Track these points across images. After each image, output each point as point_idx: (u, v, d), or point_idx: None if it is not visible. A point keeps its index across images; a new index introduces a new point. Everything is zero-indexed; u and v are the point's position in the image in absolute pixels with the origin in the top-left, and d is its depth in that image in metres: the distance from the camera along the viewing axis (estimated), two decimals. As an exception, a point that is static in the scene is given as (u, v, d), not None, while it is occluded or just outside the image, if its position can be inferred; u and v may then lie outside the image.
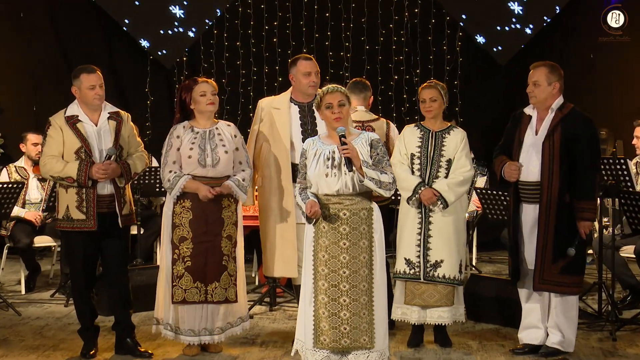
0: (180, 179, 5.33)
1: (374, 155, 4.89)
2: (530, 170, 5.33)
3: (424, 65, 9.86)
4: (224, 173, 5.42)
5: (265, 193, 5.83)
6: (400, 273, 5.57)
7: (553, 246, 5.24)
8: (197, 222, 5.35)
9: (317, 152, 4.92)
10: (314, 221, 4.86)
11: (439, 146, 5.58)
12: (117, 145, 5.45)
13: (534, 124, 5.42)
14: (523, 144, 5.39)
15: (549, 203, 5.24)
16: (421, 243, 5.53)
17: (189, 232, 5.36)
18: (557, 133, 5.26)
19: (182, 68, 9.84)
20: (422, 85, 5.72)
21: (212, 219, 5.37)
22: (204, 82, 5.46)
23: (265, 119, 5.85)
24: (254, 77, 9.86)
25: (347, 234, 4.82)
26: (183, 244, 5.36)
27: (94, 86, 5.41)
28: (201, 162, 5.35)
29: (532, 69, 5.42)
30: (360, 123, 6.28)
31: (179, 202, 5.38)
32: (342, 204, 4.84)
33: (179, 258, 5.36)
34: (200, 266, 5.35)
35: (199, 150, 5.36)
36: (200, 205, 5.34)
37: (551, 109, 5.36)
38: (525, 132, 5.42)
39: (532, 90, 5.37)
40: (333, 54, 9.89)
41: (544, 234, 5.26)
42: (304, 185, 4.96)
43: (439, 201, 5.48)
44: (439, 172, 5.55)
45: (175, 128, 5.45)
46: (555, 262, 5.24)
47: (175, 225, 5.38)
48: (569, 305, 5.35)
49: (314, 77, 5.77)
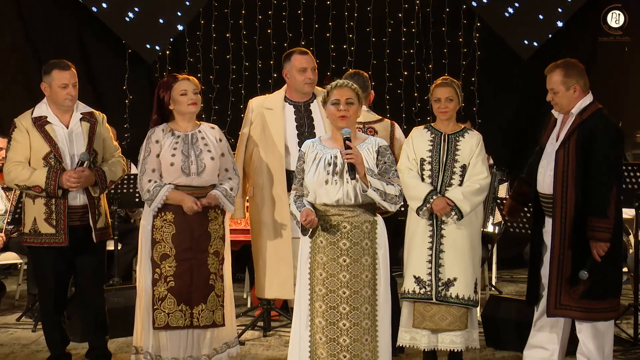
0: (161, 189, 5.32)
1: (381, 163, 4.94)
2: (546, 182, 5.39)
3: (438, 60, 9.90)
4: (209, 182, 5.44)
5: (257, 204, 5.88)
6: (409, 293, 5.60)
7: (571, 267, 5.25)
8: (180, 237, 5.36)
9: (316, 155, 4.96)
10: (310, 232, 4.91)
11: (453, 150, 5.62)
12: (91, 150, 5.48)
13: (557, 128, 5.48)
14: (544, 151, 5.46)
15: (564, 218, 5.27)
16: (432, 259, 5.57)
17: (171, 248, 5.36)
18: (573, 140, 5.30)
19: (165, 63, 9.88)
20: (435, 83, 5.75)
21: (198, 233, 5.38)
22: (185, 79, 5.46)
23: (256, 121, 5.90)
24: (246, 73, 9.89)
25: (348, 249, 4.87)
26: (165, 261, 5.37)
27: (67, 85, 5.44)
28: (185, 169, 5.36)
29: (546, 74, 5.46)
30: (361, 125, 6.32)
31: (160, 215, 5.37)
32: (342, 215, 4.89)
33: (161, 278, 5.36)
34: (184, 287, 5.36)
35: (182, 157, 5.36)
36: (184, 218, 5.35)
37: (571, 114, 5.40)
38: (548, 137, 5.49)
39: (552, 99, 5.42)
40: (335, 46, 9.93)
41: (559, 253, 5.29)
42: (299, 192, 5.01)
43: (452, 212, 5.51)
44: (452, 180, 5.60)
45: (154, 132, 5.44)
46: (575, 284, 5.25)
47: (156, 241, 5.38)
48: (598, 333, 5.32)
49: (310, 74, 5.83)
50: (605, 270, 5.28)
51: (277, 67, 9.55)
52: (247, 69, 9.91)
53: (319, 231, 4.90)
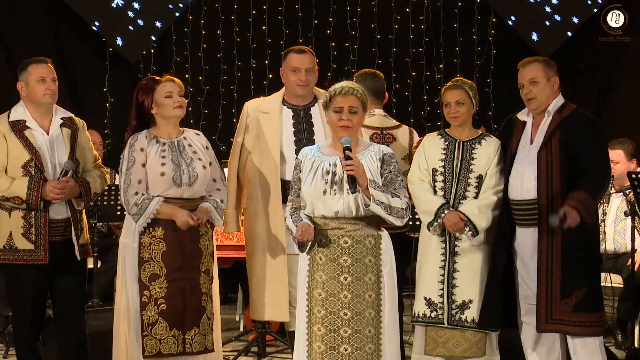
0: (151, 203, 5.33)
1: (386, 173, 4.97)
2: (525, 187, 5.47)
3: (449, 59, 9.95)
4: (199, 193, 5.48)
5: (250, 217, 5.92)
6: (420, 316, 5.63)
7: (562, 278, 5.33)
8: (171, 255, 5.36)
9: (314, 164, 5.00)
10: (308, 248, 4.95)
11: (468, 159, 5.66)
12: (74, 158, 5.51)
13: (528, 131, 5.59)
14: (516, 155, 5.55)
15: (551, 226, 5.35)
16: (445, 279, 5.60)
17: (161, 267, 5.36)
18: (555, 140, 5.42)
19: (150, 62, 9.90)
20: (445, 85, 5.79)
21: (189, 250, 5.40)
22: (169, 80, 5.47)
23: (251, 126, 5.94)
24: (238, 74, 9.94)
25: (349, 266, 4.91)
26: (155, 282, 5.37)
27: (44, 79, 5.44)
28: (176, 180, 5.37)
29: (521, 67, 5.58)
30: (379, 130, 6.36)
31: (148, 231, 5.38)
32: (342, 229, 4.93)
33: (150, 300, 5.36)
34: (177, 309, 5.36)
35: (173, 166, 5.37)
36: (174, 234, 5.36)
37: (547, 111, 5.52)
38: (517, 141, 5.58)
39: (530, 91, 5.52)
40: (336, 45, 9.97)
41: (547, 264, 5.37)
42: (296, 204, 5.05)
43: (466, 227, 5.53)
44: (467, 192, 5.64)
45: (137, 139, 5.44)
46: (565, 297, 5.33)
47: (144, 260, 5.38)
48: (595, 351, 5.40)
49: (303, 75, 5.87)
50: (593, 279, 5.39)
51: (273, 67, 9.57)
52: (240, 69, 9.95)
53: (317, 247, 4.95)
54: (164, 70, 9.41)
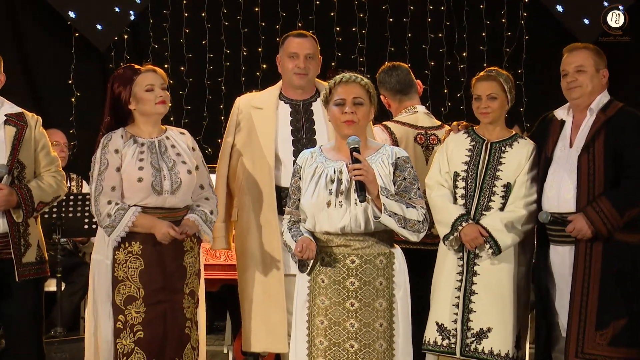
0: (126, 213, 5.33)
1: (399, 180, 4.97)
2: (562, 198, 5.49)
3: (474, 47, 9.98)
4: (184, 202, 5.50)
5: (242, 231, 5.94)
6: (430, 344, 5.67)
7: (599, 307, 5.33)
8: (150, 274, 5.37)
9: (316, 170, 5.00)
10: (309, 268, 4.94)
11: (495, 164, 5.68)
12: (14, 161, 5.51)
13: (567, 131, 5.61)
14: (552, 160, 5.57)
15: (590, 244, 5.37)
16: (460, 302, 5.62)
17: (139, 288, 5.37)
18: (599, 143, 5.43)
19: (123, 50, 9.91)
20: (477, 76, 5.83)
21: (171, 268, 5.41)
22: (150, 70, 5.48)
23: (242, 124, 5.97)
24: (227, 64, 9.96)
25: (357, 290, 4.91)
26: (131, 306, 5.38)
27: None
28: (156, 186, 5.38)
29: (568, 52, 5.63)
30: (423, 130, 6.39)
31: (123, 247, 5.39)
32: (349, 246, 4.93)
33: (126, 327, 5.37)
34: (157, 337, 5.37)
35: (152, 171, 5.38)
36: (154, 249, 5.37)
37: (590, 109, 5.55)
38: (554, 143, 5.60)
39: (576, 79, 5.56)
40: (341, 29, 9.98)
41: (582, 289, 5.38)
42: (295, 217, 5.06)
43: (487, 244, 5.56)
44: (491, 202, 5.66)
45: (110, 139, 5.45)
46: (601, 328, 5.33)
47: (119, 279, 5.39)
48: None
49: (301, 61, 5.90)
50: (634, 309, 5.36)
51: (267, 55, 9.55)
52: (229, 58, 9.96)
53: (320, 266, 4.95)
54: (139, 59, 9.39)
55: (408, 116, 6.46)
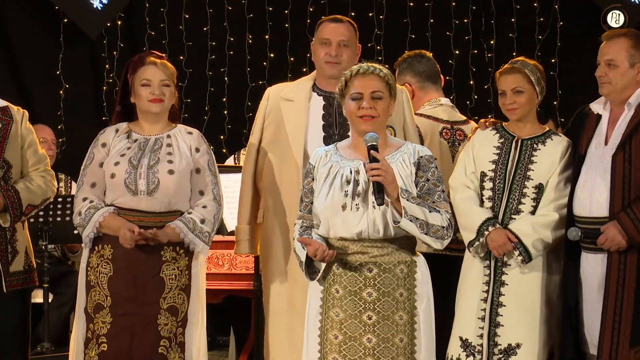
0: (96, 213, 5.37)
1: (422, 181, 4.96)
2: (595, 201, 5.47)
3: (502, 34, 10.00)
4: (170, 206, 5.48)
5: (267, 235, 5.97)
6: (454, 360, 5.69)
7: (633, 321, 5.32)
8: (118, 280, 5.38)
9: (331, 170, 5.00)
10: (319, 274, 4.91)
11: (526, 163, 5.68)
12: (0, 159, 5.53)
13: (603, 127, 5.59)
14: (585, 158, 5.56)
15: (624, 253, 5.35)
16: (487, 315, 5.62)
17: (107, 297, 5.39)
18: (637, 141, 5.41)
19: (116, 38, 9.94)
20: (501, 69, 5.81)
21: (144, 278, 5.40)
22: (152, 63, 5.53)
23: (271, 118, 5.99)
24: (230, 53, 9.98)
25: (375, 302, 4.90)
26: (99, 315, 5.40)
27: None
28: (130, 185, 5.40)
29: (604, 40, 5.60)
30: (449, 125, 6.42)
31: (96, 249, 5.43)
32: (367, 254, 4.93)
33: (93, 337, 5.39)
34: (121, 352, 5.35)
35: (127, 167, 5.40)
36: (126, 255, 5.38)
37: (628, 104, 5.52)
38: (588, 140, 5.59)
39: (605, 74, 5.55)
40: (357, 14, 9.96)
41: (615, 302, 5.36)
42: (307, 222, 5.07)
43: (516, 251, 5.56)
44: (521, 204, 5.67)
45: (104, 132, 5.52)
46: (637, 344, 5.32)
47: (91, 285, 5.43)
48: None
49: (333, 49, 5.92)
50: None
51: (275, 43, 9.64)
52: (232, 46, 9.98)
53: (333, 275, 4.95)
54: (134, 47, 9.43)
55: (432, 109, 6.48)
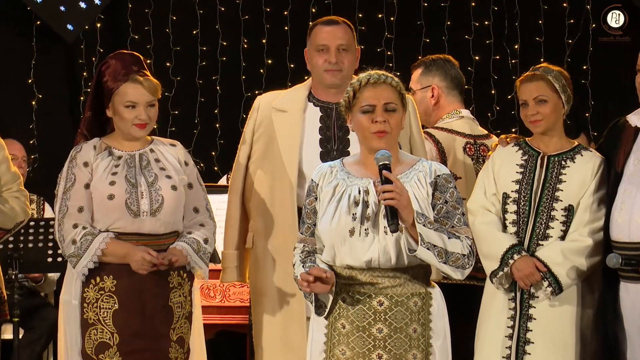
0: (95, 239, 5.36)
1: (440, 203, 4.94)
2: (635, 224, 5.48)
3: (528, 37, 10.02)
4: (170, 226, 5.52)
5: (257, 261, 5.97)
6: (477, 404, 5.70)
7: None
8: (126, 315, 5.39)
9: (336, 189, 4.98)
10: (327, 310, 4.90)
11: (554, 182, 5.69)
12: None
13: None
14: (622, 176, 5.56)
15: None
16: (513, 353, 5.62)
17: (113, 334, 5.40)
18: None
19: (95, 43, 9.97)
20: (522, 76, 5.83)
21: (153, 309, 5.43)
22: (136, 82, 5.50)
23: (262, 131, 5.99)
24: (223, 59, 10.01)
25: (385, 338, 4.88)
26: (104, 355, 5.41)
27: None
28: (132, 206, 5.41)
29: None
30: (472, 139, 6.45)
31: (93, 282, 5.41)
32: (376, 285, 4.91)
33: None
34: None
35: (126, 186, 5.41)
36: (131, 284, 5.39)
37: None
38: (626, 156, 5.60)
39: None
40: (365, 16, 10.04)
41: None
42: (310, 245, 5.05)
43: (545, 281, 5.56)
44: (549, 229, 5.68)
45: (80, 149, 5.50)
46: None
47: (89, 323, 5.41)
48: None
49: (332, 55, 5.92)
50: None
51: (273, 48, 9.68)
52: (225, 52, 10.02)
53: (340, 309, 4.92)
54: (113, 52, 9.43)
55: (453, 122, 6.48)
